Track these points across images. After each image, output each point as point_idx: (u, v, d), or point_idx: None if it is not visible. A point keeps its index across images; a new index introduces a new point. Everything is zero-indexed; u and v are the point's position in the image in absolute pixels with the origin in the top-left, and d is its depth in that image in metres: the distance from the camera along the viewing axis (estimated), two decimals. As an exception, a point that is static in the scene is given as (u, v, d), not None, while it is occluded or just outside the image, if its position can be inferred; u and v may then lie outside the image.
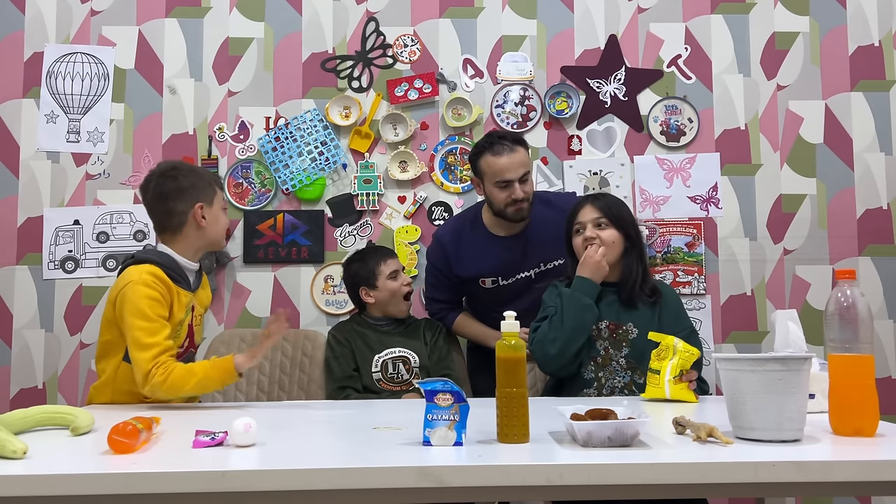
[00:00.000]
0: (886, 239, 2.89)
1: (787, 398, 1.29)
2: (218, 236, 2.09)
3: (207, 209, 2.04)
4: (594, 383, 2.03)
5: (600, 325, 2.04)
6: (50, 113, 2.87)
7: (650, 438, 1.33)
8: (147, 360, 1.81)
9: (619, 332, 2.03)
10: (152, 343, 1.83)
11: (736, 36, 2.95)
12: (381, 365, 2.37)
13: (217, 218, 2.07)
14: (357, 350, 2.39)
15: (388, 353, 2.38)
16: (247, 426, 1.30)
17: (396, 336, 2.43)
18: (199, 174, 2.09)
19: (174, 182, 2.03)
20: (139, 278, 1.88)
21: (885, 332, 2.87)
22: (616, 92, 2.93)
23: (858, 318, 1.37)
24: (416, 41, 2.93)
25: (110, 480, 1.13)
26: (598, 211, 2.08)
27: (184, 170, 2.08)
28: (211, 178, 2.11)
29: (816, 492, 1.25)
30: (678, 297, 2.18)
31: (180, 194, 2.02)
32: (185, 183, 2.03)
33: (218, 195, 2.09)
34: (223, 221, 2.10)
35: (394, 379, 2.36)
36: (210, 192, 2.06)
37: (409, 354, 2.39)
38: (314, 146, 2.87)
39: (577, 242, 2.10)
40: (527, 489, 1.17)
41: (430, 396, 1.29)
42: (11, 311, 2.81)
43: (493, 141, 2.34)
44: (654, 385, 1.83)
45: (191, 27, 2.92)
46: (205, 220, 2.03)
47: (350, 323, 2.51)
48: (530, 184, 2.36)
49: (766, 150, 2.92)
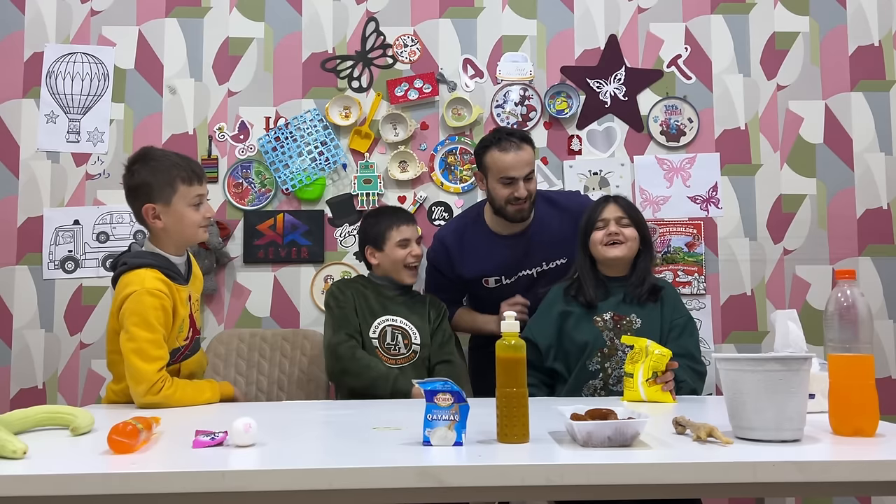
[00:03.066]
0: (886, 239, 2.89)
1: (787, 398, 1.29)
2: (188, 236, 1.98)
3: (163, 209, 1.92)
4: (600, 374, 2.06)
5: (605, 316, 2.08)
6: (50, 113, 2.87)
7: (650, 438, 1.33)
8: (153, 373, 1.81)
9: (623, 323, 2.08)
10: (158, 356, 1.84)
11: (736, 36, 2.95)
12: (379, 332, 2.30)
13: (181, 217, 1.93)
14: (358, 308, 2.31)
15: (388, 320, 2.32)
16: (247, 426, 1.30)
17: (400, 305, 2.37)
18: (156, 170, 1.92)
19: (129, 178, 1.95)
20: (144, 287, 1.84)
21: (885, 332, 2.87)
22: (616, 92, 2.93)
23: (858, 318, 1.37)
24: (416, 41, 2.93)
25: (110, 480, 1.13)
26: (622, 210, 2.17)
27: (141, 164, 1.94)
28: (173, 176, 1.92)
29: (816, 492, 1.25)
30: (675, 289, 2.25)
31: (132, 193, 1.94)
32: (138, 180, 1.93)
33: (181, 192, 1.92)
34: (192, 218, 1.95)
35: (390, 350, 2.29)
36: (167, 190, 1.91)
37: (408, 327, 2.33)
38: (314, 146, 2.87)
39: (598, 237, 2.14)
40: (527, 489, 1.17)
41: (430, 396, 1.29)
42: (11, 311, 2.81)
43: (500, 137, 2.35)
44: (630, 388, 1.86)
45: (191, 27, 2.92)
46: (160, 220, 1.92)
47: (354, 282, 2.46)
48: (534, 183, 2.36)
49: (766, 150, 2.92)
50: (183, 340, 1.98)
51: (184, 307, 1.95)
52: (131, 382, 1.83)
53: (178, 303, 1.92)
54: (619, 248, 2.11)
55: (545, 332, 2.13)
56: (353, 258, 2.84)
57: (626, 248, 2.11)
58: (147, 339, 1.82)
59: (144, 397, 1.81)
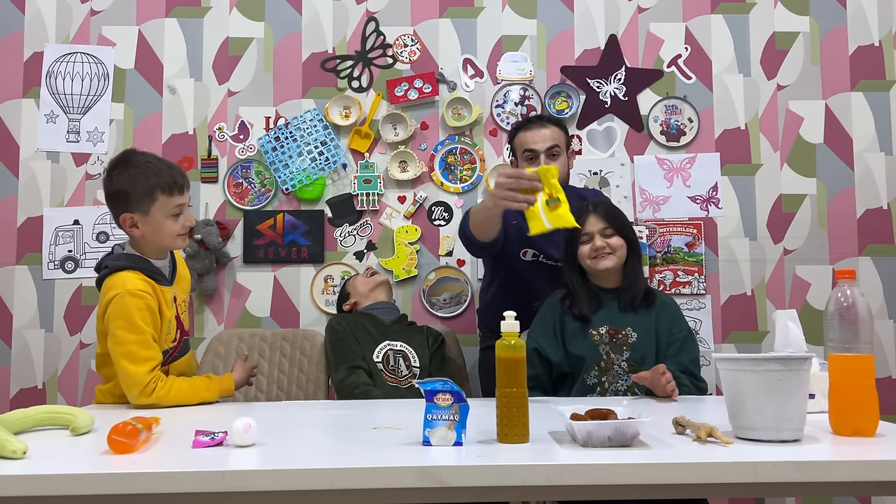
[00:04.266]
0: (886, 239, 2.89)
1: (787, 398, 1.29)
2: (165, 244, 1.94)
3: (141, 218, 1.87)
4: (597, 388, 2.03)
5: (600, 330, 2.05)
6: (50, 113, 2.87)
7: (650, 438, 1.33)
8: (144, 374, 1.79)
9: (618, 337, 2.05)
10: (147, 357, 1.81)
11: (736, 36, 2.95)
12: (383, 356, 2.34)
13: (159, 227, 1.89)
14: (360, 338, 2.35)
15: (389, 345, 2.35)
16: (247, 426, 1.30)
17: (398, 332, 2.41)
18: (135, 179, 1.86)
19: (108, 184, 1.91)
20: (126, 289, 1.82)
21: (885, 332, 2.87)
22: (616, 92, 2.93)
23: (858, 318, 1.37)
24: (416, 41, 2.93)
25: (110, 480, 1.13)
26: (603, 220, 2.10)
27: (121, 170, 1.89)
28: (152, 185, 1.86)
29: (816, 492, 1.25)
30: (675, 303, 2.18)
31: (110, 199, 1.91)
32: (116, 187, 1.88)
33: (160, 202, 1.87)
34: (170, 229, 1.90)
35: (394, 371, 2.33)
36: (146, 201, 1.86)
37: (408, 350, 2.36)
38: (314, 146, 2.87)
39: (584, 251, 2.10)
40: (527, 489, 1.17)
41: (430, 396, 1.29)
42: (11, 311, 2.81)
43: (529, 119, 2.41)
44: (533, 218, 1.76)
45: (191, 27, 2.92)
46: (137, 229, 1.88)
47: (349, 315, 2.49)
48: (562, 161, 2.31)
49: (766, 150, 2.92)
50: (171, 342, 1.95)
51: (169, 308, 1.92)
52: (124, 386, 1.81)
53: (162, 304, 1.90)
54: (609, 259, 2.07)
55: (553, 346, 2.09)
56: (353, 258, 2.84)
57: (615, 258, 2.07)
58: (134, 342, 1.80)
59: (138, 399, 1.79)
